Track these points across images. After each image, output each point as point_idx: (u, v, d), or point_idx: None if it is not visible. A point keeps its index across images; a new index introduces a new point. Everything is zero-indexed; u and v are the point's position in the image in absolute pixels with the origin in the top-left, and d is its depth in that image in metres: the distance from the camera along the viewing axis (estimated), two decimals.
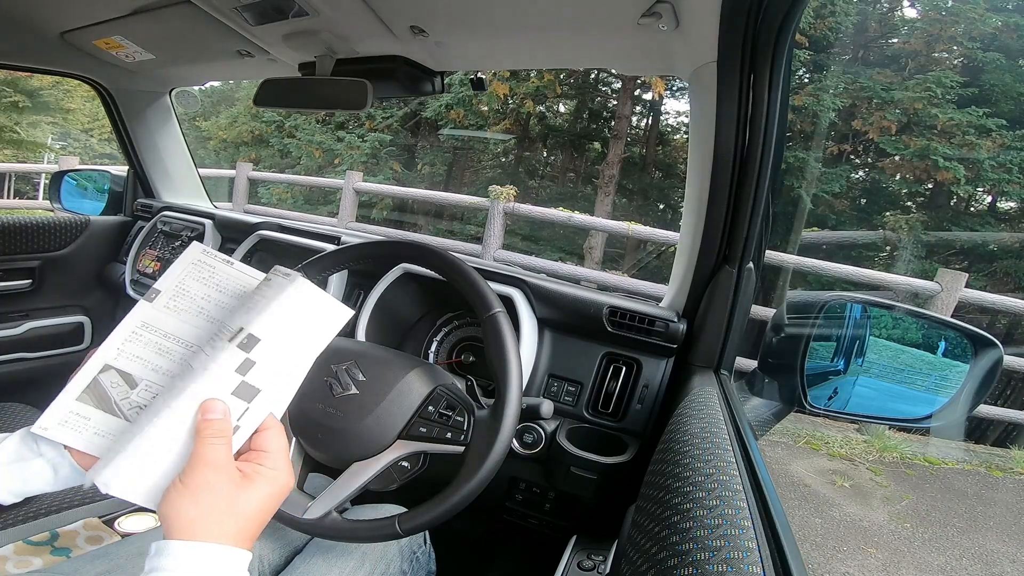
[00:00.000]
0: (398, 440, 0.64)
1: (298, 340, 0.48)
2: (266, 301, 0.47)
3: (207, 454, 0.42)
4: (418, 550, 0.79)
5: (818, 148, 7.85)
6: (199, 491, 0.41)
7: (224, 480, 0.42)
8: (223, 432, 0.44)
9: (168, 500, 0.42)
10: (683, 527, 0.42)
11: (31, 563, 0.85)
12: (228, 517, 0.42)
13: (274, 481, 0.45)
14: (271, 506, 0.45)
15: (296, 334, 0.48)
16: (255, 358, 0.46)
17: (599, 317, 0.92)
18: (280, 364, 0.47)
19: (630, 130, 9.26)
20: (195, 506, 0.41)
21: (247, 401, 0.45)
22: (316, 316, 0.49)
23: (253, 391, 0.46)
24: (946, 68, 7.38)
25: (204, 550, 0.40)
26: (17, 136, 9.18)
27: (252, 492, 0.43)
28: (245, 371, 0.45)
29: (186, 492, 0.41)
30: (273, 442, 0.47)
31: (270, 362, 0.46)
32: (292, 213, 6.66)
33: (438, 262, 0.72)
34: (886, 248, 7.36)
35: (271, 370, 0.46)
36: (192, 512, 0.41)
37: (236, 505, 0.42)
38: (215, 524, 0.41)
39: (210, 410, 0.44)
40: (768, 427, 0.98)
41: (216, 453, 0.43)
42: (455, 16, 0.83)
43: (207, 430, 0.43)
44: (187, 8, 0.90)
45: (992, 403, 4.22)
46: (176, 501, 0.41)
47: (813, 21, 7.61)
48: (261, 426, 0.47)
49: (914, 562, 2.41)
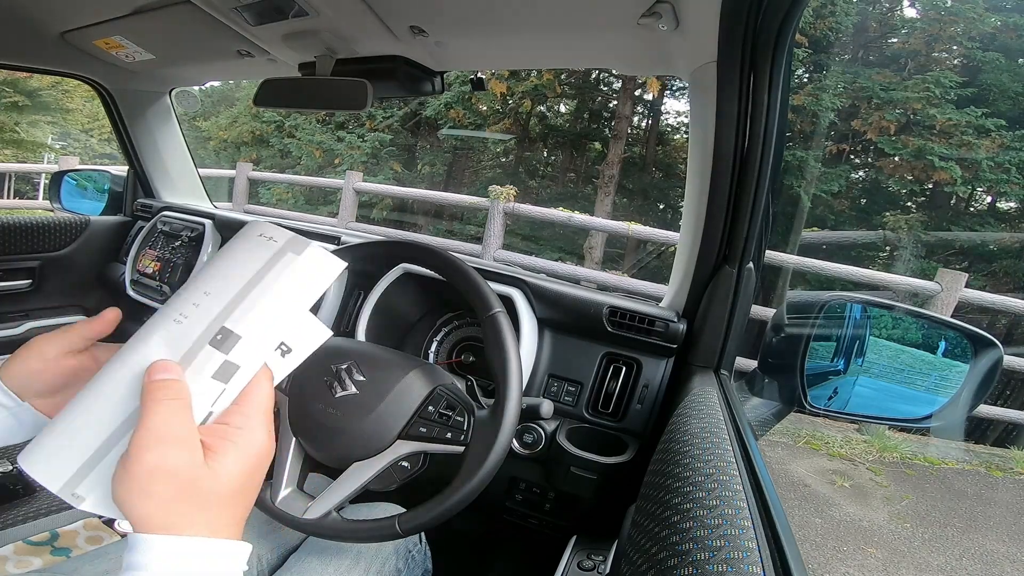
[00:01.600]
0: (398, 440, 0.64)
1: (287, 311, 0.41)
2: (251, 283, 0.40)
3: (159, 425, 0.33)
4: (414, 548, 0.79)
5: (818, 148, 7.85)
6: (147, 480, 0.32)
7: (182, 459, 0.33)
8: (179, 393, 0.34)
9: (117, 492, 0.33)
10: (683, 527, 0.42)
11: (31, 563, 0.85)
12: (192, 505, 0.33)
13: (251, 446, 0.36)
14: (255, 480, 0.36)
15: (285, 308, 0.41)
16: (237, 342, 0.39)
17: (599, 317, 0.92)
18: (265, 338, 0.39)
19: (630, 130, 9.26)
20: (147, 499, 0.32)
21: (224, 381, 0.38)
22: (310, 279, 0.42)
23: (233, 368, 0.38)
24: (945, 68, 7.39)
25: (183, 545, 0.32)
26: (17, 136, 9.17)
27: (223, 469, 0.34)
28: (228, 350, 0.38)
29: (129, 481, 0.32)
30: (250, 391, 0.37)
31: (254, 341, 0.39)
32: (292, 213, 6.67)
33: (438, 262, 0.72)
34: (886, 248, 7.37)
35: (255, 346, 0.39)
36: (146, 507, 0.32)
37: (198, 489, 0.33)
38: (180, 516, 0.32)
39: (160, 370, 0.35)
40: (768, 427, 0.98)
41: (164, 420, 0.33)
42: (455, 16, 0.83)
43: (160, 390, 0.34)
44: (187, 8, 0.90)
45: (992, 403, 4.22)
46: (124, 494, 0.32)
47: (813, 21, 7.61)
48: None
49: (914, 562, 2.41)
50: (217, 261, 0.41)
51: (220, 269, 0.41)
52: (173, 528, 0.32)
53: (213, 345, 0.38)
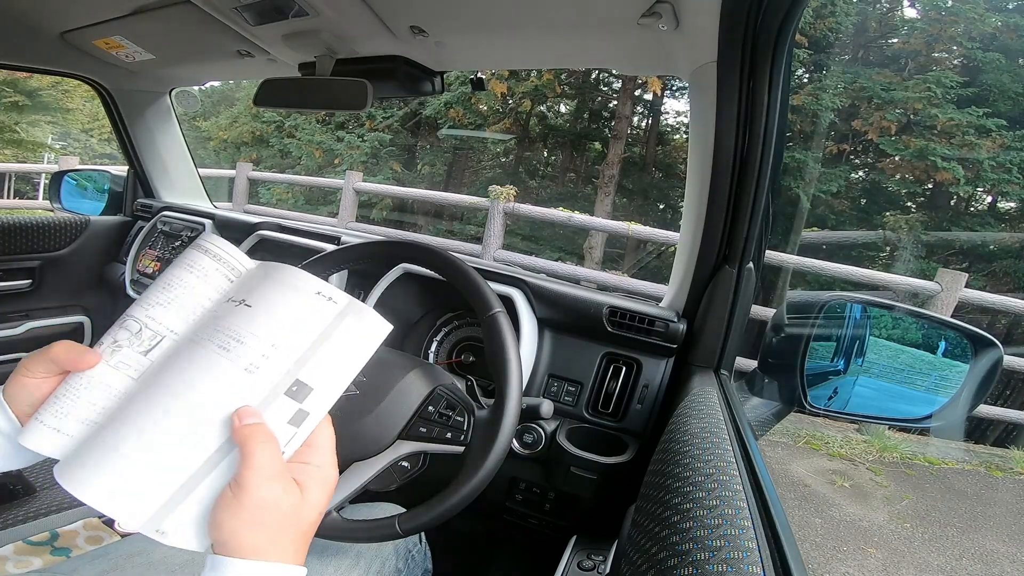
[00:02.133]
0: (398, 440, 0.64)
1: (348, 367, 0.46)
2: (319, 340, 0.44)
3: (262, 461, 0.36)
4: (413, 548, 0.79)
5: (818, 148, 7.85)
6: (260, 511, 0.36)
7: (283, 492, 0.37)
8: (271, 436, 0.38)
9: (223, 520, 0.36)
10: (683, 527, 0.42)
11: (31, 563, 0.85)
12: (288, 535, 0.37)
13: (328, 480, 0.41)
14: (324, 510, 0.41)
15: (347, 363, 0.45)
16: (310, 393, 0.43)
17: (599, 317, 0.92)
18: (332, 391, 0.44)
19: (630, 130, 9.26)
20: (256, 528, 0.35)
21: (296, 426, 0.42)
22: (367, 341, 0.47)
23: (303, 415, 0.42)
24: (946, 68, 7.39)
25: (263, 570, 0.35)
26: (17, 136, 9.17)
27: (309, 500, 0.39)
28: (302, 399, 0.42)
29: (243, 513, 0.35)
30: (320, 434, 0.42)
31: (323, 392, 0.43)
32: (292, 213, 6.67)
33: (438, 262, 0.72)
34: (886, 248, 7.37)
35: (324, 396, 0.43)
36: (252, 536, 0.35)
37: (296, 520, 0.37)
38: (275, 545, 0.36)
39: (249, 415, 0.38)
40: (768, 427, 0.98)
41: (273, 461, 0.37)
42: (455, 16, 0.83)
43: (258, 434, 0.37)
44: (187, 8, 0.90)
45: (992, 403, 4.22)
46: (233, 523, 0.35)
47: (813, 21, 7.61)
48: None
49: (914, 562, 2.41)
50: (274, 312, 0.45)
51: (283, 323, 0.44)
52: (263, 553, 0.36)
53: (288, 395, 0.41)
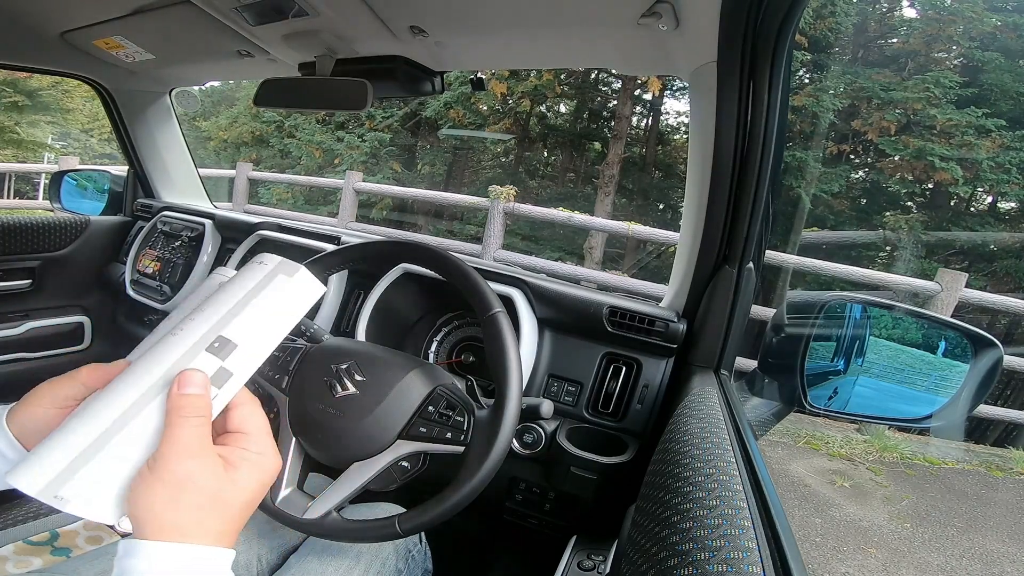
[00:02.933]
0: (398, 440, 0.64)
1: (276, 326, 0.45)
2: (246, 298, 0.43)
3: (184, 437, 0.35)
4: (413, 548, 0.79)
5: (818, 148, 7.85)
6: (178, 487, 0.34)
7: (206, 470, 0.35)
8: (203, 410, 0.37)
9: (139, 496, 0.34)
10: (683, 527, 0.42)
11: (31, 563, 0.85)
12: (212, 514, 0.35)
13: (262, 467, 0.39)
14: (258, 496, 0.39)
15: (275, 322, 0.45)
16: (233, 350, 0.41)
17: (599, 317, 0.92)
18: (256, 350, 0.43)
19: (630, 130, 9.26)
20: (173, 505, 0.34)
21: (218, 387, 0.40)
22: (298, 299, 0.46)
23: (226, 375, 0.40)
24: (945, 68, 7.39)
25: (183, 552, 0.34)
26: (17, 136, 9.17)
27: (237, 483, 0.37)
28: (225, 356, 0.40)
29: (160, 487, 0.34)
30: (252, 420, 0.40)
31: (247, 350, 0.42)
32: (292, 213, 6.67)
33: (438, 262, 0.72)
34: (886, 248, 7.37)
35: (247, 355, 0.42)
36: (170, 513, 0.34)
37: (221, 499, 0.36)
38: (197, 525, 0.34)
39: (188, 382, 0.36)
40: (768, 427, 0.98)
41: (195, 435, 0.35)
42: (455, 16, 0.83)
43: (187, 407, 0.36)
44: (187, 8, 0.90)
45: (992, 403, 4.22)
46: (150, 499, 0.34)
47: (813, 21, 7.61)
48: (233, 403, 0.40)
49: (914, 562, 2.41)
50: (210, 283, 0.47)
51: (219, 291, 0.45)
52: (186, 534, 0.34)
53: (210, 351, 0.40)
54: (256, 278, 0.45)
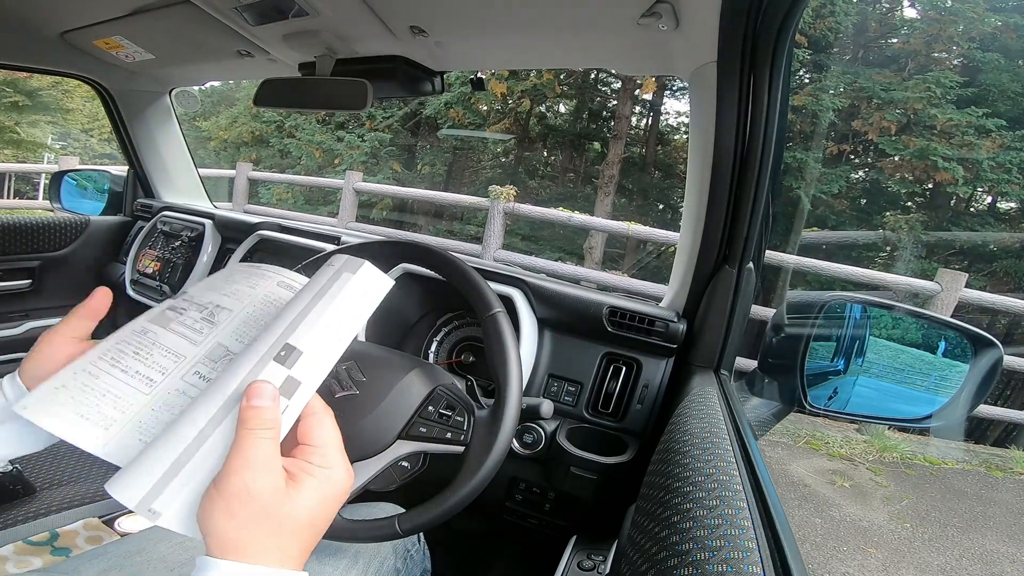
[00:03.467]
0: (398, 440, 0.64)
1: (343, 328, 0.43)
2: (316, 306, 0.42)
3: (250, 451, 0.34)
4: (412, 548, 0.78)
5: (818, 148, 7.85)
6: (234, 499, 0.33)
7: (264, 483, 0.34)
8: (272, 423, 0.36)
9: (203, 509, 0.34)
10: (683, 527, 0.42)
11: (31, 563, 0.85)
12: (268, 531, 0.34)
13: (330, 482, 0.38)
14: (328, 512, 0.38)
15: (341, 324, 0.43)
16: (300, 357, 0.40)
17: (599, 317, 0.92)
18: (324, 355, 0.41)
19: (630, 130, 9.26)
20: (229, 518, 0.33)
21: (287, 398, 0.39)
22: (363, 297, 0.44)
23: (295, 384, 0.39)
24: (945, 68, 7.39)
25: (246, 572, 0.33)
26: (17, 136, 9.18)
27: (301, 498, 0.36)
28: (291, 365, 0.39)
29: (219, 500, 0.34)
30: (321, 431, 0.39)
31: (314, 356, 0.41)
32: (292, 213, 6.67)
33: (438, 262, 0.72)
34: (886, 248, 7.37)
35: (314, 362, 0.41)
36: (226, 525, 0.33)
37: (277, 514, 0.35)
38: (254, 541, 0.34)
39: (257, 394, 0.36)
40: (768, 427, 0.98)
41: (261, 450, 0.35)
42: (455, 16, 0.83)
43: (253, 419, 0.35)
44: (187, 8, 0.90)
45: (992, 403, 4.22)
46: (210, 512, 0.34)
47: (813, 21, 7.61)
48: (304, 412, 0.39)
49: (914, 562, 2.41)
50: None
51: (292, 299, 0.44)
52: (245, 551, 0.33)
53: (278, 361, 0.39)
54: (322, 280, 0.44)
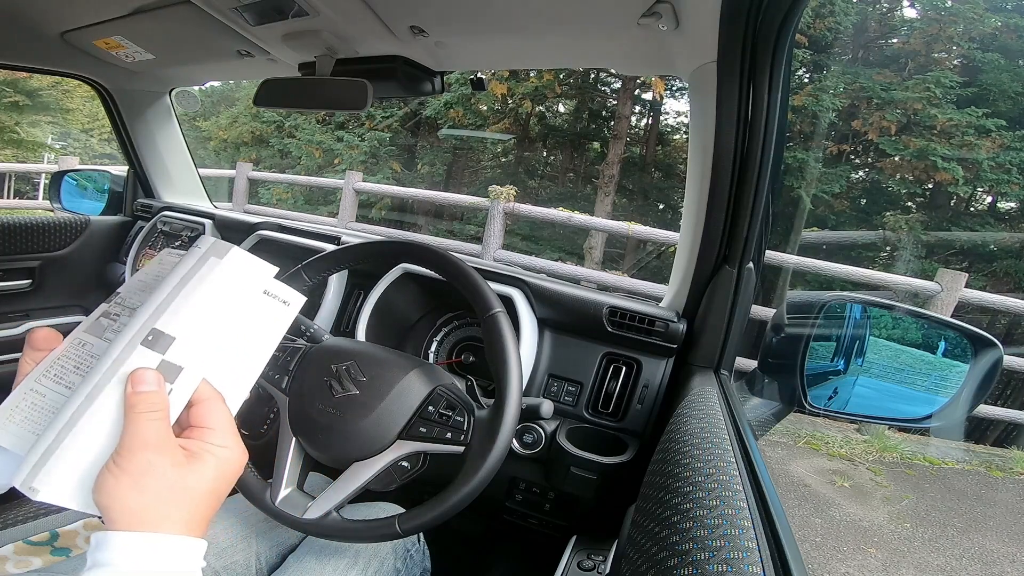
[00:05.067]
0: (398, 440, 0.64)
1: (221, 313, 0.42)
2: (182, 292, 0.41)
3: (143, 432, 0.37)
4: (412, 548, 0.79)
5: (818, 148, 7.85)
6: (140, 474, 0.36)
7: (167, 460, 0.37)
8: (158, 405, 0.38)
9: (104, 488, 0.36)
10: (683, 527, 0.42)
11: (31, 563, 0.86)
12: (176, 502, 0.37)
13: (225, 460, 0.40)
14: (224, 486, 0.41)
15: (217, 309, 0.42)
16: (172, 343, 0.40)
17: (599, 317, 0.92)
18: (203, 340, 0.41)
19: (630, 130, 9.26)
20: (137, 493, 0.36)
21: (170, 382, 0.40)
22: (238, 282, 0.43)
23: (176, 369, 0.40)
24: (945, 68, 7.39)
25: (151, 541, 0.35)
26: (17, 136, 9.17)
27: (200, 472, 0.39)
28: (163, 350, 0.40)
29: (124, 476, 0.36)
30: (214, 415, 0.41)
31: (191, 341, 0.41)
32: (292, 213, 6.67)
33: (438, 262, 0.72)
34: (886, 248, 7.37)
35: (193, 346, 0.41)
36: (134, 500, 0.36)
37: (183, 488, 0.37)
38: (162, 512, 0.36)
39: (141, 380, 0.38)
40: (768, 427, 0.98)
41: (153, 430, 0.37)
42: (455, 16, 0.83)
43: (141, 404, 0.38)
44: (187, 8, 0.90)
45: (992, 403, 4.22)
46: (113, 488, 0.36)
47: (813, 21, 7.61)
48: (195, 398, 0.41)
49: (914, 562, 2.41)
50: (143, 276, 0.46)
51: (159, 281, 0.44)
52: (149, 522, 0.36)
53: (146, 345, 0.40)
54: (188, 265, 0.43)
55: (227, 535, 0.71)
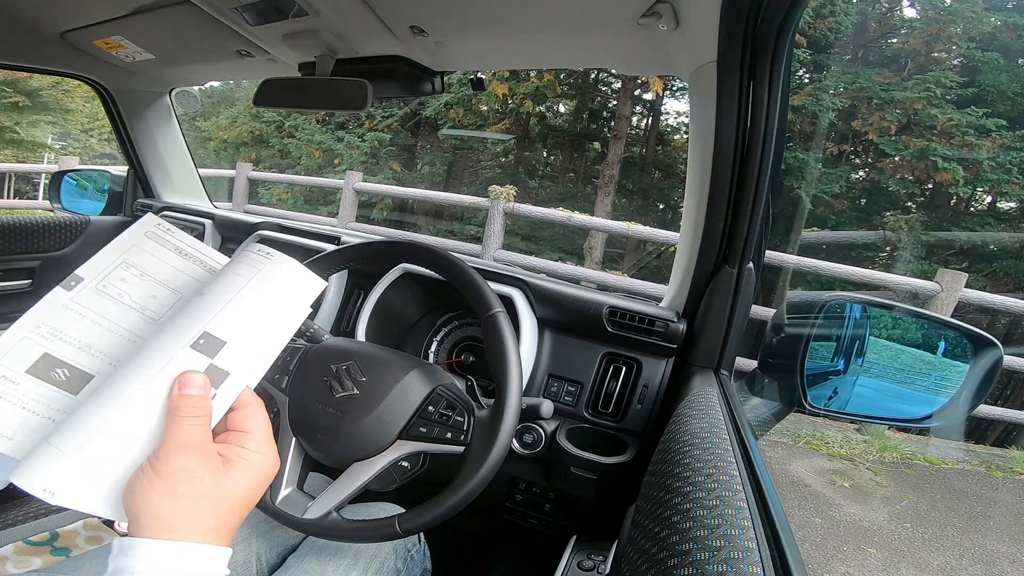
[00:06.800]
0: (398, 440, 0.64)
1: (271, 323, 0.43)
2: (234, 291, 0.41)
3: (184, 436, 0.36)
4: (412, 548, 0.79)
5: (818, 148, 7.85)
6: (175, 481, 0.35)
7: (204, 467, 0.36)
8: (202, 410, 0.38)
9: (136, 491, 0.35)
10: (683, 527, 0.42)
11: (31, 563, 0.86)
12: (209, 511, 0.36)
13: (259, 466, 0.40)
14: (256, 494, 0.40)
15: (268, 318, 0.42)
16: (222, 347, 0.40)
17: (599, 317, 0.92)
18: (252, 347, 0.41)
19: (630, 130, 9.26)
20: (171, 499, 0.35)
21: (215, 387, 0.40)
22: (291, 294, 0.44)
23: (222, 374, 0.40)
24: (945, 68, 7.39)
25: (179, 551, 0.34)
26: (17, 136, 9.17)
27: (235, 480, 0.38)
28: (213, 354, 0.40)
29: (159, 481, 0.35)
30: (254, 421, 0.41)
31: (240, 347, 0.41)
32: (292, 213, 6.67)
33: (438, 262, 0.72)
34: (886, 248, 7.37)
35: (241, 353, 0.41)
36: (166, 506, 0.35)
37: (217, 497, 0.37)
38: (193, 520, 0.35)
39: (188, 383, 0.38)
40: (768, 427, 0.98)
41: (194, 435, 0.37)
42: (455, 16, 0.83)
43: (185, 407, 0.37)
44: (187, 8, 0.90)
45: (992, 403, 4.22)
46: (148, 493, 0.35)
47: (813, 21, 7.61)
48: (237, 403, 0.41)
49: (914, 562, 2.41)
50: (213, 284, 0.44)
51: (208, 283, 0.43)
52: (179, 529, 0.35)
53: (195, 348, 0.39)
54: (245, 273, 0.43)
55: None
